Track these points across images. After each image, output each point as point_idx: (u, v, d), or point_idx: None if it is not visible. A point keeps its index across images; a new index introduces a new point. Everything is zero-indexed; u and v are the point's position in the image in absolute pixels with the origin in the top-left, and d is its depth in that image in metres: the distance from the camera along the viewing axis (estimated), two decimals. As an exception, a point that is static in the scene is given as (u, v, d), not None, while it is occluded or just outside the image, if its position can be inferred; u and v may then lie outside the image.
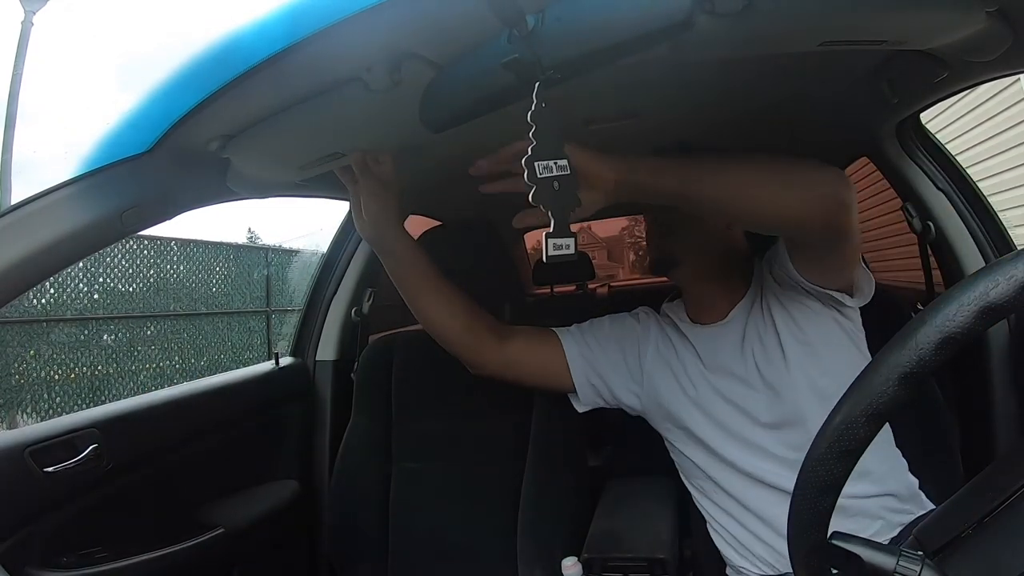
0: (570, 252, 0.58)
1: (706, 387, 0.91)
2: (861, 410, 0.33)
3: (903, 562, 0.34)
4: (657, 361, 0.96)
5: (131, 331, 4.61)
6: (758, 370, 0.87)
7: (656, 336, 0.99)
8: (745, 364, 0.88)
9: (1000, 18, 0.63)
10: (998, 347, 1.01)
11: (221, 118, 0.72)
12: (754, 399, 0.87)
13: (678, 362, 0.94)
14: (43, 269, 0.71)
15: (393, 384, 1.23)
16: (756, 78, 0.96)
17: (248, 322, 5.55)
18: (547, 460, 1.10)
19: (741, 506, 0.87)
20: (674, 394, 0.93)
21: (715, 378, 0.90)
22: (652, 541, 0.91)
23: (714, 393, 0.90)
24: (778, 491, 0.83)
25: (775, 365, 0.86)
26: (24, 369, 3.95)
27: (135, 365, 4.58)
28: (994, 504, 0.37)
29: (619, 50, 0.58)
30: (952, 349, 0.31)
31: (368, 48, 0.64)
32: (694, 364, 0.93)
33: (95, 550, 0.92)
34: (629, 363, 0.98)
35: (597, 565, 0.88)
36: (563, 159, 0.58)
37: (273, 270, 5.72)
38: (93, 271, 4.30)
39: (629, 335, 1.00)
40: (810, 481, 0.36)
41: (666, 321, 1.00)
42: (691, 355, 0.94)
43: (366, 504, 1.18)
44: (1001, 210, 1.11)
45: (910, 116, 1.04)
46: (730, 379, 0.89)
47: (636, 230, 7.32)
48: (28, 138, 12.73)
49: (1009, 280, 0.30)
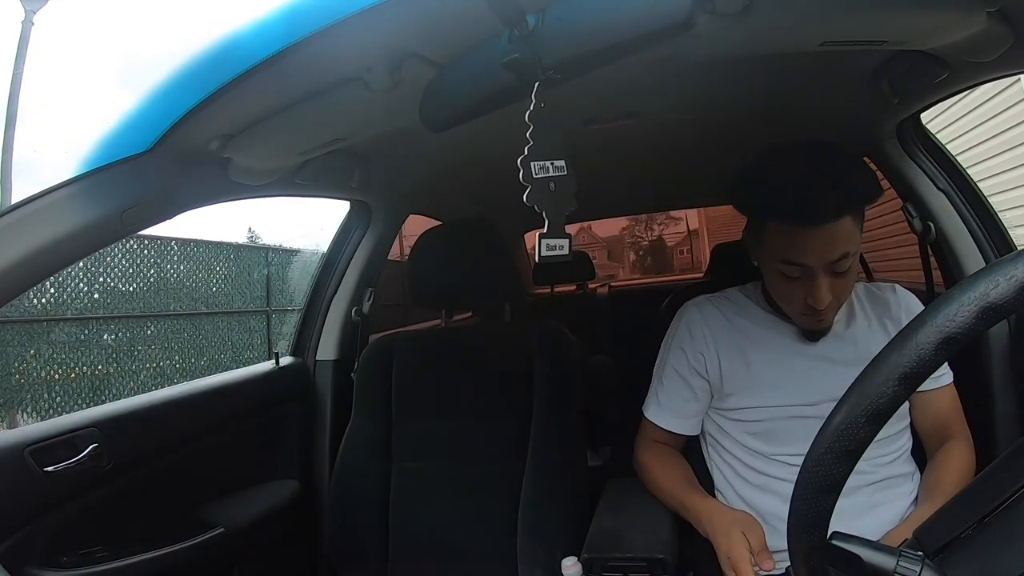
0: (564, 253, 0.58)
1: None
2: (861, 410, 0.33)
3: (903, 562, 0.34)
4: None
5: (131, 331, 4.60)
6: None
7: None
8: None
9: (1000, 18, 0.63)
10: (998, 347, 1.01)
11: (221, 118, 0.72)
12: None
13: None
14: (43, 268, 0.71)
15: (393, 384, 1.23)
16: (756, 78, 0.96)
17: (248, 322, 5.54)
18: (547, 460, 1.10)
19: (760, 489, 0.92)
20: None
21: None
22: (652, 541, 0.90)
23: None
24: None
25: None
26: (24, 368, 3.94)
27: (135, 365, 4.57)
28: (994, 504, 0.37)
29: (619, 50, 0.57)
30: (952, 349, 0.31)
31: (369, 48, 0.64)
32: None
33: (95, 550, 0.92)
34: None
35: (597, 565, 0.88)
36: (560, 160, 0.58)
37: (273, 270, 5.71)
38: (93, 271, 4.29)
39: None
40: (810, 481, 0.36)
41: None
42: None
43: (366, 504, 1.18)
44: (1001, 210, 1.11)
45: (910, 116, 1.04)
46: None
47: (636, 230, 7.34)
48: (28, 138, 12.69)
49: (1009, 280, 0.30)
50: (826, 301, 0.83)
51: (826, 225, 0.79)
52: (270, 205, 1.88)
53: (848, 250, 0.82)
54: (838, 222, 0.80)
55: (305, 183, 1.08)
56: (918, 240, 1.15)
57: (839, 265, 0.82)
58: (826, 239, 0.80)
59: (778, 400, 0.92)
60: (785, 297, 0.89)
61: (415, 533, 1.17)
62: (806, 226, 0.80)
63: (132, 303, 4.55)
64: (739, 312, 0.99)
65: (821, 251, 0.81)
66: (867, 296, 0.96)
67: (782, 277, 0.86)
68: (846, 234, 0.81)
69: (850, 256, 0.82)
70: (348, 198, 1.37)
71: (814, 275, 0.82)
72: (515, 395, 1.14)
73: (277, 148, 0.87)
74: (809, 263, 0.82)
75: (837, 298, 0.85)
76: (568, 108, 0.99)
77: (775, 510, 0.90)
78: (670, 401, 1.00)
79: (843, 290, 0.86)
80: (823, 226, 0.80)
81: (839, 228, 0.80)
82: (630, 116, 1.07)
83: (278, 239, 6.42)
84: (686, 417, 1.00)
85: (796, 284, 0.85)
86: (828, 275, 0.83)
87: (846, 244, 0.81)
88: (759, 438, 0.94)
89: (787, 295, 0.88)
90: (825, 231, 0.80)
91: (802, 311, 0.87)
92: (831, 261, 0.81)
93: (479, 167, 1.28)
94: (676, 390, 0.99)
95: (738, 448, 0.96)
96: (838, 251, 0.81)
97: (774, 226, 0.84)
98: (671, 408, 1.00)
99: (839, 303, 0.87)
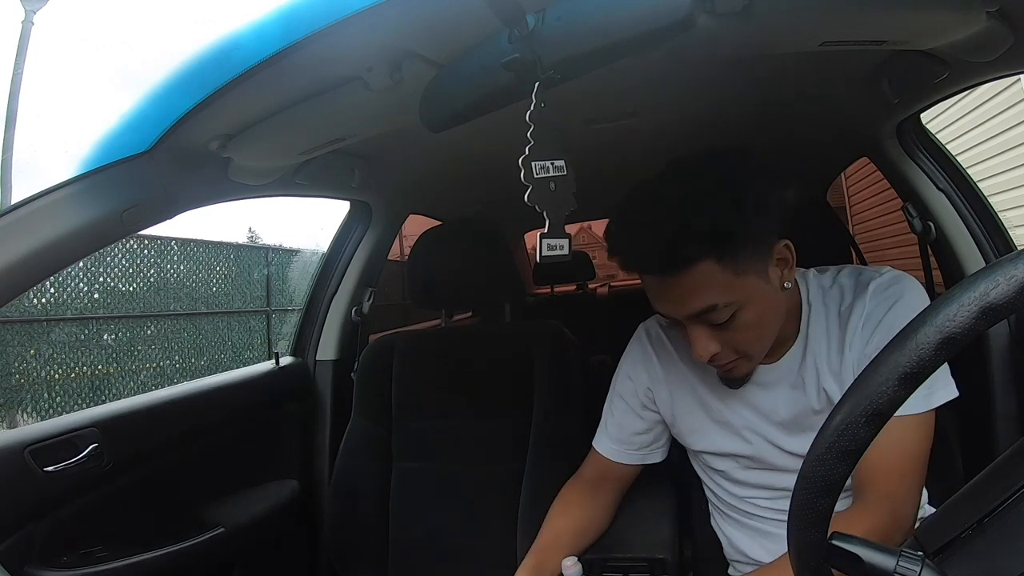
0: (564, 253, 0.58)
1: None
2: (861, 410, 0.33)
3: (903, 562, 0.34)
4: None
5: (131, 331, 4.61)
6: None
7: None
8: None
9: (1000, 18, 0.63)
10: (998, 347, 1.01)
11: (221, 118, 0.72)
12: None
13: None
14: (44, 268, 0.71)
15: (393, 384, 1.23)
16: (756, 78, 0.96)
17: (248, 322, 5.55)
18: (547, 460, 1.10)
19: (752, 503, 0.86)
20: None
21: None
22: (652, 541, 0.91)
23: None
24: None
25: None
26: (24, 368, 3.95)
27: (135, 364, 4.58)
28: (994, 504, 0.37)
29: (619, 50, 0.57)
30: (952, 349, 0.31)
31: (368, 48, 0.64)
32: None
33: (95, 549, 0.92)
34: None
35: (597, 565, 0.88)
36: (560, 160, 0.58)
37: (273, 270, 5.72)
38: (93, 270, 4.30)
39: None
40: (810, 481, 0.36)
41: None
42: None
43: (366, 504, 1.18)
44: (1001, 210, 1.11)
45: (910, 116, 1.04)
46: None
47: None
48: (29, 138, 12.67)
49: (1009, 280, 0.30)
50: (707, 353, 0.70)
51: (671, 277, 0.67)
52: (270, 205, 1.88)
53: (715, 301, 0.67)
54: (690, 270, 0.66)
55: (305, 183, 1.08)
56: (918, 240, 1.15)
57: (710, 317, 0.69)
58: (678, 290, 0.68)
59: (732, 448, 0.83)
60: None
61: (415, 533, 1.17)
62: (651, 275, 0.70)
63: (132, 303, 4.56)
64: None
65: (676, 302, 0.69)
66: (828, 315, 0.77)
67: (668, 325, 0.76)
68: (706, 283, 0.67)
69: (724, 308, 0.68)
70: (348, 198, 1.37)
71: (685, 324, 0.71)
72: (515, 395, 1.14)
73: (277, 148, 0.87)
74: (666, 313, 0.72)
75: (737, 351, 0.72)
76: (568, 108, 0.99)
77: (753, 546, 0.86)
78: (618, 431, 0.92)
79: (742, 343, 0.71)
80: (668, 278, 0.68)
81: (692, 276, 0.66)
82: (630, 116, 1.07)
83: (278, 239, 6.43)
84: (634, 448, 0.92)
85: (681, 332, 0.74)
86: (704, 325, 0.70)
87: (710, 295, 0.67)
88: (725, 477, 0.87)
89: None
90: (674, 282, 0.68)
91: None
92: (692, 314, 0.69)
93: (479, 167, 1.28)
94: (628, 423, 0.92)
95: (708, 482, 0.92)
96: (697, 303, 0.68)
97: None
98: (616, 437, 0.93)
99: (747, 355, 0.73)
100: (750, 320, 0.70)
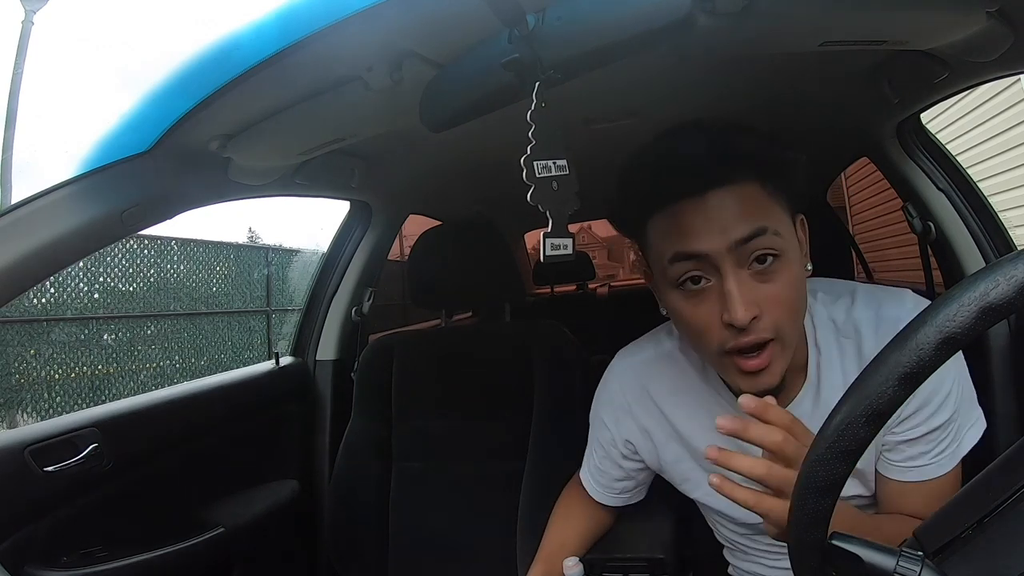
0: (568, 252, 0.58)
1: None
2: (861, 410, 0.33)
3: (903, 562, 0.34)
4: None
5: (131, 330, 4.61)
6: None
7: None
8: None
9: (1000, 18, 0.63)
10: (998, 347, 1.01)
11: (221, 118, 0.72)
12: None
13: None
14: (44, 268, 0.71)
15: (393, 384, 1.23)
16: (756, 78, 0.96)
17: (248, 322, 5.55)
18: (547, 460, 1.10)
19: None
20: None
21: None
22: (652, 541, 0.91)
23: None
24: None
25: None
26: (24, 368, 3.95)
27: (135, 364, 4.58)
28: (994, 504, 0.37)
29: (619, 50, 0.57)
30: (952, 349, 0.31)
31: (368, 48, 0.64)
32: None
33: (95, 549, 0.92)
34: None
35: (597, 565, 0.88)
36: (562, 159, 0.58)
37: (273, 270, 5.72)
38: (93, 270, 4.31)
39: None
40: (810, 481, 0.36)
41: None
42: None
43: (366, 504, 1.18)
44: (1001, 210, 1.11)
45: (910, 116, 1.04)
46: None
47: (636, 230, 7.31)
48: (29, 138, 12.67)
49: (1009, 280, 0.30)
50: (748, 311, 0.59)
51: (719, 189, 0.60)
52: (270, 205, 1.88)
53: (764, 224, 0.60)
54: (737, 186, 0.60)
55: (305, 183, 1.08)
56: (918, 240, 1.15)
57: (755, 244, 0.60)
58: (724, 211, 0.60)
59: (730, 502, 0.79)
60: (695, 331, 0.64)
61: (415, 533, 1.17)
62: (691, 195, 0.61)
63: (132, 303, 4.57)
64: (674, 378, 0.78)
65: (719, 224, 0.60)
66: (844, 357, 0.69)
67: (684, 299, 0.64)
68: (752, 204, 0.61)
69: (772, 235, 0.60)
70: (348, 198, 1.37)
71: (719, 268, 0.60)
72: (515, 395, 1.14)
73: (277, 148, 0.87)
74: (705, 248, 0.60)
75: (775, 324, 0.61)
76: (568, 108, 0.99)
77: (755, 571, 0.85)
78: (600, 476, 0.89)
79: (776, 304, 0.60)
80: (715, 191, 0.60)
81: (739, 193, 0.60)
82: (630, 116, 1.07)
83: (278, 239, 6.44)
84: (616, 492, 0.89)
85: (703, 302, 0.62)
86: (742, 267, 0.60)
87: (758, 215, 0.60)
88: (722, 515, 0.82)
89: (697, 326, 0.63)
90: (719, 197, 0.60)
91: (723, 352, 0.62)
92: (739, 240, 0.60)
93: (479, 167, 1.28)
94: (607, 469, 0.88)
95: (706, 517, 0.89)
96: (746, 223, 0.60)
97: (655, 220, 0.65)
98: (599, 480, 0.90)
99: (780, 338, 0.62)
100: (788, 278, 0.61)
